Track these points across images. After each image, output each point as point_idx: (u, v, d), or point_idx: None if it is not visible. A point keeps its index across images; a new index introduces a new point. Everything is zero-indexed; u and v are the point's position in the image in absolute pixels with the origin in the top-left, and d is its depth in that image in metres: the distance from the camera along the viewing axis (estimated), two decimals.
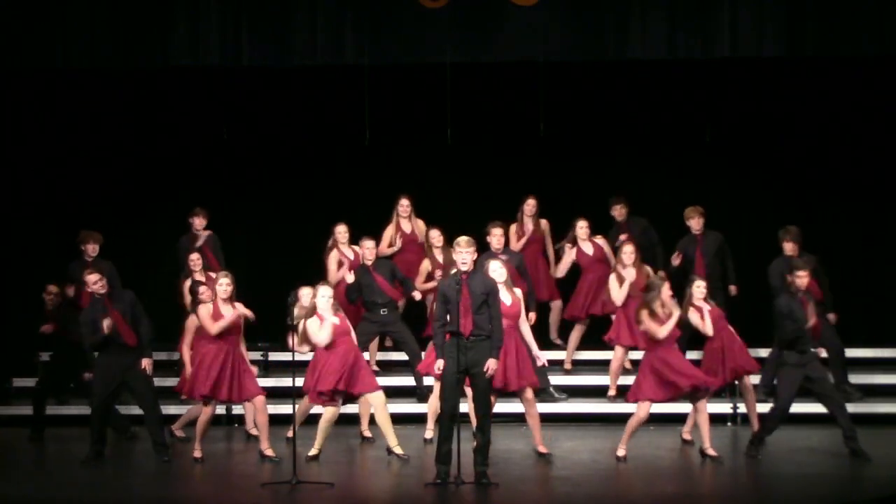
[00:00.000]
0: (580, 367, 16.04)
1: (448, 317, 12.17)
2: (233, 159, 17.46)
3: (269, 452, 13.37)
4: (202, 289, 14.20)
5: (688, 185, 16.86)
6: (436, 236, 15.76)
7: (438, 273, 15.45)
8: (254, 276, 16.36)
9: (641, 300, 13.35)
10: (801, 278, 13.29)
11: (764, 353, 14.40)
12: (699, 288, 13.70)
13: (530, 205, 16.16)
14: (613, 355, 15.21)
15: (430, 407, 13.92)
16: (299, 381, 13.26)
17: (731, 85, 17.02)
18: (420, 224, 16.15)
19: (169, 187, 17.42)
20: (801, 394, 13.82)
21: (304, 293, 13.69)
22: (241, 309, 13.49)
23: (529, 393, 13.27)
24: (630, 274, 14.94)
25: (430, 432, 13.98)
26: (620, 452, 13.25)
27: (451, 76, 16.08)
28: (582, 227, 15.78)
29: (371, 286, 15.18)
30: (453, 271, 12.62)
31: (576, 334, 15.91)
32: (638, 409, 13.20)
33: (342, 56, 15.80)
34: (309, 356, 13.73)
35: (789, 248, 14.87)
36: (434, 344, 12.41)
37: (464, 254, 12.24)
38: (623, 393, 14.31)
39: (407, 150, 17.32)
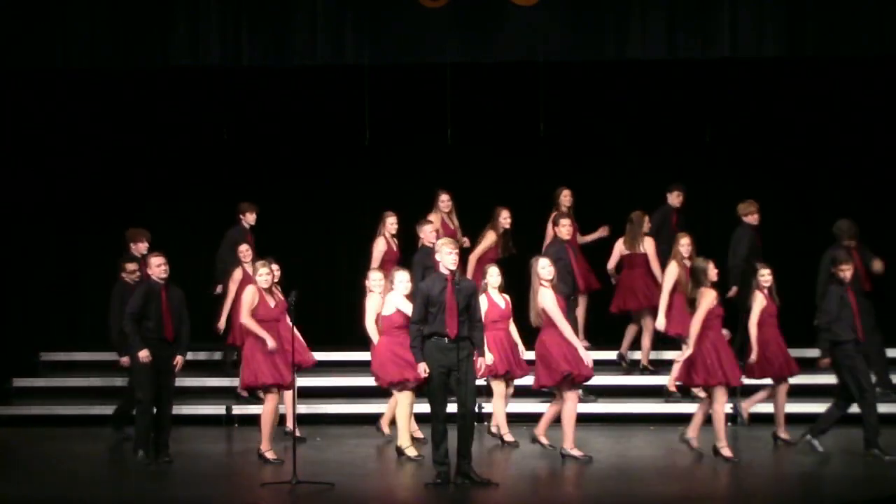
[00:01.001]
0: None
1: (428, 318, 12.08)
2: (233, 159, 17.46)
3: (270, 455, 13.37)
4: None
5: (688, 185, 16.85)
6: (506, 216, 15.72)
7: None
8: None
9: (694, 285, 13.19)
10: (845, 271, 13.35)
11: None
12: (765, 275, 13.74)
13: (567, 195, 15.99)
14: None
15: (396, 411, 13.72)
16: (299, 381, 13.24)
17: (731, 85, 17.03)
18: (456, 221, 16.11)
19: (169, 187, 17.43)
20: (805, 393, 13.85)
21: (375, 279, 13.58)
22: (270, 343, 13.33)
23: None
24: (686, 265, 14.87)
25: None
26: (727, 452, 13.17)
27: (451, 76, 16.09)
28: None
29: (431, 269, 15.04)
30: (445, 270, 12.43)
31: (632, 332, 15.78)
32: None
33: (342, 56, 15.80)
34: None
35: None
36: (412, 346, 12.25)
37: (453, 254, 12.22)
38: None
39: (407, 150, 17.33)
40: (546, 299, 12.89)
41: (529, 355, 13.56)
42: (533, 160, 17.25)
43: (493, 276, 13.60)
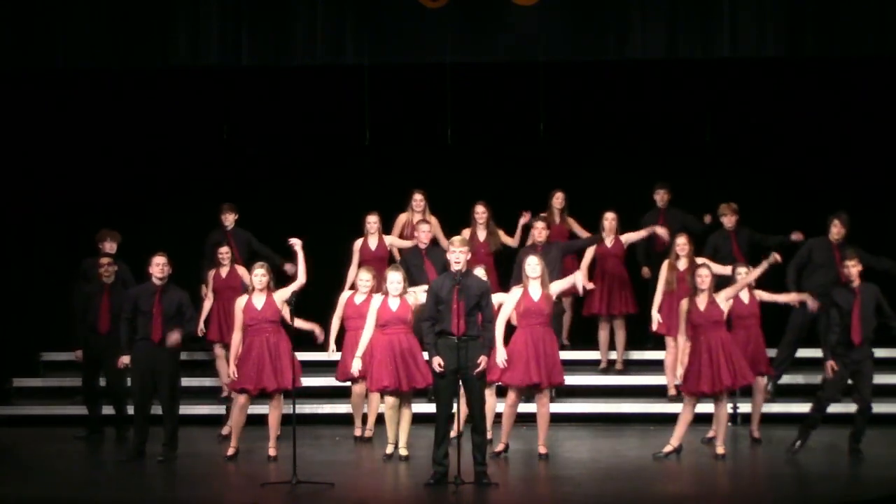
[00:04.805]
0: (580, 367, 16.02)
1: (439, 316, 12.13)
2: (233, 159, 17.47)
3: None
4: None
5: (688, 185, 16.86)
6: (480, 212, 15.68)
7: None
8: None
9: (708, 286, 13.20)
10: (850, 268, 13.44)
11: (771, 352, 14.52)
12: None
13: (559, 198, 16.03)
14: (667, 350, 15.06)
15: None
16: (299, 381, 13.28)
17: (731, 85, 17.03)
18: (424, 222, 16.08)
19: (169, 187, 17.43)
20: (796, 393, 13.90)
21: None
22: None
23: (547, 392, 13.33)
24: (682, 265, 14.82)
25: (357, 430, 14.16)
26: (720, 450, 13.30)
27: (451, 76, 16.10)
28: (610, 220, 15.58)
29: (420, 269, 15.05)
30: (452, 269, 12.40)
31: (604, 333, 15.76)
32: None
33: (342, 56, 15.82)
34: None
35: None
36: (425, 343, 12.35)
37: (457, 253, 12.20)
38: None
39: (407, 150, 17.33)
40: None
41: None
42: (533, 160, 17.25)
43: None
